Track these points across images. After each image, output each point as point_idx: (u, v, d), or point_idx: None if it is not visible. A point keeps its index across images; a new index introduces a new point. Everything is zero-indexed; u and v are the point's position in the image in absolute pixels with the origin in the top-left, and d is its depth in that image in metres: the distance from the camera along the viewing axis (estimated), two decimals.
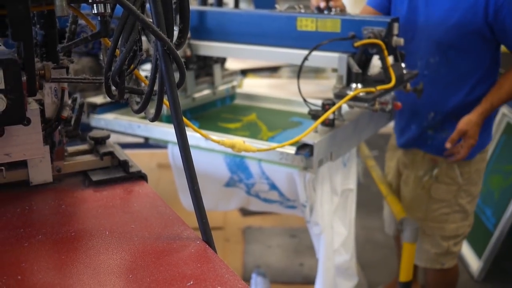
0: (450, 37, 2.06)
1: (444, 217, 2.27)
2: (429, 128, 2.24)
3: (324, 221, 1.88)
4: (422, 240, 2.30)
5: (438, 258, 2.32)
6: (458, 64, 2.11)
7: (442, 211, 2.27)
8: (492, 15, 1.98)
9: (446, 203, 2.26)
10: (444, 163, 2.23)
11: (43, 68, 1.06)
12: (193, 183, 0.97)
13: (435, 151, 2.24)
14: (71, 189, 1.21)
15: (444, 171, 2.23)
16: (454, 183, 2.24)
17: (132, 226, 1.04)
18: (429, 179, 2.26)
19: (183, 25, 0.99)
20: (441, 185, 2.24)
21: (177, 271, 0.89)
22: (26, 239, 0.99)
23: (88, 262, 0.92)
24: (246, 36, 2.02)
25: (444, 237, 2.29)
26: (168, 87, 0.93)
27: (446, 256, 2.32)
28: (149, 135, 1.99)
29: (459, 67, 2.11)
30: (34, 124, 1.07)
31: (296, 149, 1.65)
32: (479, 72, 2.13)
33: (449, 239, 2.30)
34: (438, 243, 2.30)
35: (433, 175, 2.26)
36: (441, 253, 2.31)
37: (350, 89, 1.70)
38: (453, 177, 2.23)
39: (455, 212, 2.27)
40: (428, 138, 2.25)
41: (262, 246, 3.46)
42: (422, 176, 2.28)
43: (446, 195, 2.25)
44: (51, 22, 1.13)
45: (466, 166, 2.22)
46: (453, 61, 2.11)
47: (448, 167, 2.23)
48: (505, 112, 3.45)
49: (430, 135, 2.24)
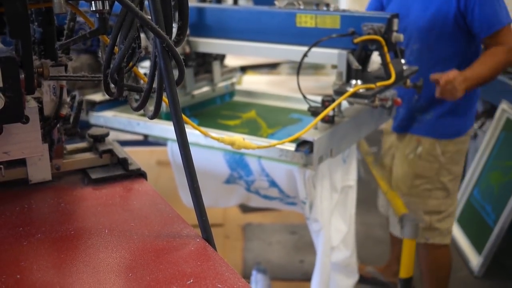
0: (429, 25, 2.23)
1: (427, 193, 2.46)
2: (415, 111, 2.41)
3: (323, 218, 1.87)
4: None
5: (422, 233, 2.48)
6: (438, 50, 2.26)
7: (425, 187, 2.46)
8: (463, 5, 2.14)
9: (428, 179, 2.44)
10: (427, 142, 2.41)
11: (41, 66, 1.05)
12: (193, 181, 0.97)
13: (421, 131, 2.42)
14: (70, 187, 1.20)
15: (426, 150, 2.42)
16: (436, 161, 2.42)
17: (131, 224, 1.04)
18: (413, 157, 2.46)
19: (182, 22, 0.98)
20: (423, 162, 2.43)
21: (177, 269, 0.89)
22: (25, 237, 0.98)
23: (88, 260, 0.91)
24: (246, 32, 2.02)
25: (427, 212, 2.47)
26: (167, 85, 0.92)
27: (429, 231, 2.49)
28: (148, 133, 1.98)
29: (439, 53, 2.27)
30: (32, 122, 1.06)
31: (296, 146, 1.64)
32: (458, 57, 2.28)
33: (431, 214, 2.47)
34: (421, 218, 2.47)
35: (417, 153, 2.44)
36: (425, 228, 2.48)
37: (350, 85, 1.70)
38: (435, 155, 2.42)
39: (437, 189, 2.45)
40: (415, 121, 2.42)
41: (262, 243, 3.46)
42: (408, 154, 2.48)
43: (428, 172, 2.43)
44: (49, 19, 1.12)
45: (448, 146, 2.40)
46: (433, 47, 2.26)
47: (431, 147, 2.41)
48: (505, 108, 3.45)
49: (417, 117, 2.42)
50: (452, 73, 2.10)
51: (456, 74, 2.09)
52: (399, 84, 1.85)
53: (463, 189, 3.59)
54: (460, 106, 2.36)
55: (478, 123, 3.95)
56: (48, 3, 1.01)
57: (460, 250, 3.34)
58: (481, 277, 3.12)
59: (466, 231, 3.42)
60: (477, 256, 3.18)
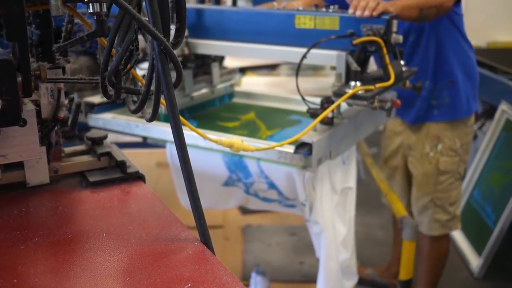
0: None
1: (450, 186, 2.52)
2: (432, 99, 2.44)
3: (324, 220, 1.87)
4: (434, 211, 2.54)
5: (447, 224, 2.57)
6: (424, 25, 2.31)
7: (449, 181, 2.52)
8: None
9: (451, 174, 2.51)
10: (446, 138, 2.45)
11: (39, 69, 1.05)
12: (191, 184, 0.96)
13: (444, 117, 2.45)
14: (68, 190, 1.20)
15: (447, 146, 2.46)
16: (457, 155, 2.48)
17: (129, 227, 1.03)
18: (435, 154, 2.48)
19: (180, 24, 0.98)
20: (446, 158, 2.48)
21: (174, 273, 0.88)
22: (23, 241, 0.98)
23: (85, 264, 0.91)
24: (244, 34, 2.01)
25: (451, 204, 2.55)
26: (164, 87, 0.92)
27: (452, 220, 2.58)
28: (147, 135, 1.98)
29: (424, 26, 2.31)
30: (30, 125, 1.06)
31: (294, 148, 1.64)
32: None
33: (454, 205, 2.56)
34: (447, 210, 2.55)
35: (438, 150, 2.47)
36: (450, 219, 2.57)
37: (349, 87, 1.69)
38: (455, 149, 2.47)
39: (456, 180, 2.54)
40: (434, 108, 2.45)
41: (261, 245, 3.46)
42: (428, 152, 2.50)
43: (451, 166, 2.49)
44: (46, 21, 1.11)
45: (464, 138, 2.48)
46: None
47: (451, 142, 2.46)
48: (505, 108, 3.45)
49: (434, 105, 2.44)
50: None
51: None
52: (398, 85, 1.84)
53: (463, 190, 3.58)
54: (469, 81, 2.44)
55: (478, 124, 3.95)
56: (45, 6, 1.01)
57: (460, 251, 3.34)
58: (481, 279, 3.11)
59: (466, 232, 3.41)
60: (477, 258, 3.17)
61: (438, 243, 2.61)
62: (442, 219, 2.55)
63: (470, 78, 2.46)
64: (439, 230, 2.57)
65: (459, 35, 2.40)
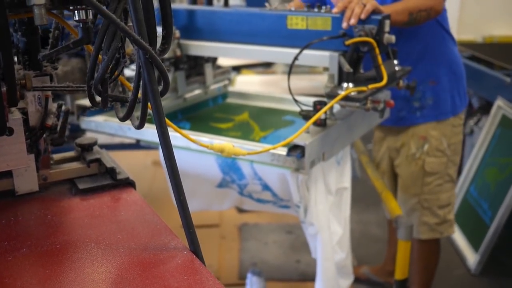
0: None
1: (438, 188, 2.46)
2: (413, 101, 2.37)
3: (319, 221, 1.86)
4: (421, 213, 2.48)
5: (437, 228, 2.51)
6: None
7: (436, 182, 2.45)
8: None
9: (438, 175, 2.44)
10: (432, 138, 2.39)
11: (24, 78, 1.04)
12: (179, 193, 0.96)
13: (427, 118, 2.38)
14: (57, 198, 1.19)
15: (434, 146, 2.40)
16: (444, 155, 2.42)
17: (118, 236, 1.03)
18: (421, 155, 2.43)
19: (166, 32, 0.96)
20: (432, 159, 2.42)
21: (163, 283, 0.87)
22: (10, 252, 0.97)
23: (73, 276, 0.90)
24: (236, 35, 2.00)
25: (440, 207, 2.48)
26: (151, 96, 0.91)
27: (443, 225, 2.51)
28: (140, 137, 1.97)
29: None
30: (17, 134, 1.05)
31: (287, 151, 1.63)
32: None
33: (444, 208, 2.49)
34: (435, 213, 2.48)
35: (424, 150, 2.42)
36: (440, 222, 2.50)
37: (341, 88, 1.68)
38: (442, 149, 2.41)
39: (446, 182, 2.47)
40: (417, 110, 2.38)
41: (258, 243, 3.45)
42: (414, 153, 2.44)
43: (438, 167, 2.43)
44: (32, 29, 1.10)
45: (452, 138, 2.41)
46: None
47: (437, 141, 2.40)
48: (501, 104, 3.44)
49: (417, 107, 2.38)
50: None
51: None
52: (391, 86, 1.83)
53: (459, 186, 3.58)
54: (454, 80, 2.37)
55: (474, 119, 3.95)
56: (29, 14, 0.99)
57: (456, 248, 3.34)
58: (478, 275, 3.11)
59: (463, 228, 3.41)
60: (474, 254, 3.18)
61: (427, 246, 2.56)
62: (430, 222, 2.49)
63: (455, 75, 2.38)
64: (428, 234, 2.51)
65: (442, 31, 2.33)
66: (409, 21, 2.02)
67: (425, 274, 2.62)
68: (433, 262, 2.61)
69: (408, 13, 2.00)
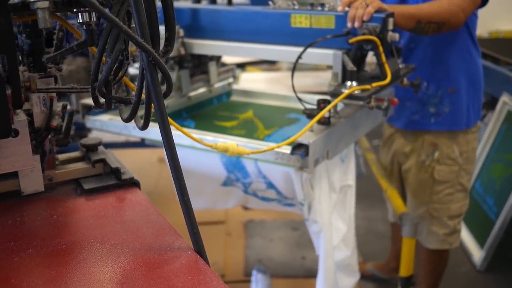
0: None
1: (449, 197, 2.37)
2: (430, 105, 2.29)
3: (323, 219, 1.87)
4: (430, 223, 2.41)
5: (447, 239, 2.43)
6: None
7: (446, 191, 2.36)
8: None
9: (449, 184, 2.35)
10: (444, 145, 2.31)
11: (29, 80, 1.04)
12: (183, 194, 0.96)
13: (441, 126, 2.30)
14: (63, 198, 1.20)
15: (444, 153, 2.32)
16: (455, 164, 2.33)
17: (123, 236, 1.03)
18: (431, 163, 2.35)
19: (169, 34, 0.97)
20: (443, 167, 2.33)
21: (167, 284, 0.88)
22: (16, 253, 0.98)
23: (79, 276, 0.91)
24: (240, 33, 2.00)
25: (450, 217, 2.39)
26: (154, 98, 0.91)
27: (453, 235, 2.43)
28: (145, 136, 1.98)
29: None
30: (22, 136, 1.06)
31: (291, 149, 1.63)
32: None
33: (454, 218, 2.40)
34: (445, 224, 2.40)
35: (434, 158, 2.33)
36: (449, 233, 2.42)
37: (345, 87, 1.68)
38: (454, 157, 2.33)
39: (457, 192, 2.37)
40: (431, 116, 2.31)
41: (264, 240, 3.46)
42: (424, 160, 2.36)
43: (449, 175, 2.34)
44: (36, 31, 1.11)
45: (464, 145, 2.32)
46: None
47: (448, 150, 2.31)
48: (506, 100, 3.43)
49: (432, 112, 2.30)
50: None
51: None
52: (395, 84, 1.83)
53: None
54: (473, 91, 2.29)
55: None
56: (33, 17, 1.00)
57: (462, 244, 3.34)
58: (483, 271, 3.11)
59: (468, 225, 3.41)
60: (480, 250, 3.17)
61: (437, 254, 2.51)
62: (439, 232, 2.42)
63: (474, 87, 2.29)
64: (437, 245, 2.44)
65: (468, 39, 2.23)
66: (414, 29, 1.94)
67: (433, 277, 2.57)
68: (441, 267, 2.56)
69: (416, 21, 1.91)
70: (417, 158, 2.38)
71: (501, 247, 3.10)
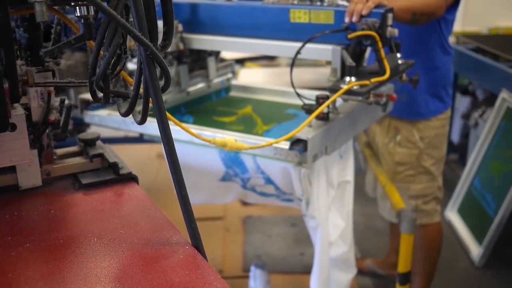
0: None
1: (410, 178, 2.54)
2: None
3: (320, 215, 1.87)
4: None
5: None
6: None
7: (407, 173, 2.53)
8: None
9: (409, 166, 2.52)
10: (405, 129, 2.48)
11: (26, 74, 1.04)
12: (181, 188, 0.96)
13: (397, 113, 2.45)
14: (61, 192, 1.20)
15: (405, 137, 2.49)
16: (415, 147, 2.49)
17: (121, 231, 1.03)
18: (393, 145, 2.54)
19: (167, 28, 0.97)
20: (403, 149, 2.51)
21: (164, 278, 0.88)
22: (14, 247, 0.98)
23: (76, 271, 0.91)
24: (239, 28, 2.00)
25: (411, 196, 2.55)
26: (152, 93, 0.91)
27: (416, 213, 2.54)
28: (143, 131, 1.98)
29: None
30: (19, 130, 1.06)
31: (290, 145, 1.63)
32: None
33: (416, 198, 2.56)
34: (406, 202, 2.48)
35: (396, 141, 2.52)
36: (411, 210, 2.53)
37: (344, 82, 1.68)
38: (414, 141, 2.49)
39: (420, 174, 2.53)
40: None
41: (262, 236, 3.47)
42: (387, 143, 2.56)
43: (409, 158, 2.51)
44: (34, 25, 1.10)
45: (425, 131, 2.46)
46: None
47: (409, 133, 2.48)
48: (505, 97, 3.42)
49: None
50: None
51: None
52: (394, 79, 1.83)
53: (463, 179, 3.58)
54: (434, 85, 2.42)
55: (479, 111, 3.93)
56: (30, 10, 0.99)
57: (460, 240, 3.34)
58: (481, 267, 3.12)
59: (467, 221, 3.41)
60: (478, 247, 3.18)
61: (422, 230, 2.59)
62: None
63: (435, 80, 2.42)
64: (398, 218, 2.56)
65: (437, 38, 2.35)
66: (411, 20, 2.08)
67: (427, 265, 2.64)
68: (433, 255, 2.63)
69: (412, 13, 2.05)
70: (383, 140, 2.58)
71: (499, 244, 3.11)
